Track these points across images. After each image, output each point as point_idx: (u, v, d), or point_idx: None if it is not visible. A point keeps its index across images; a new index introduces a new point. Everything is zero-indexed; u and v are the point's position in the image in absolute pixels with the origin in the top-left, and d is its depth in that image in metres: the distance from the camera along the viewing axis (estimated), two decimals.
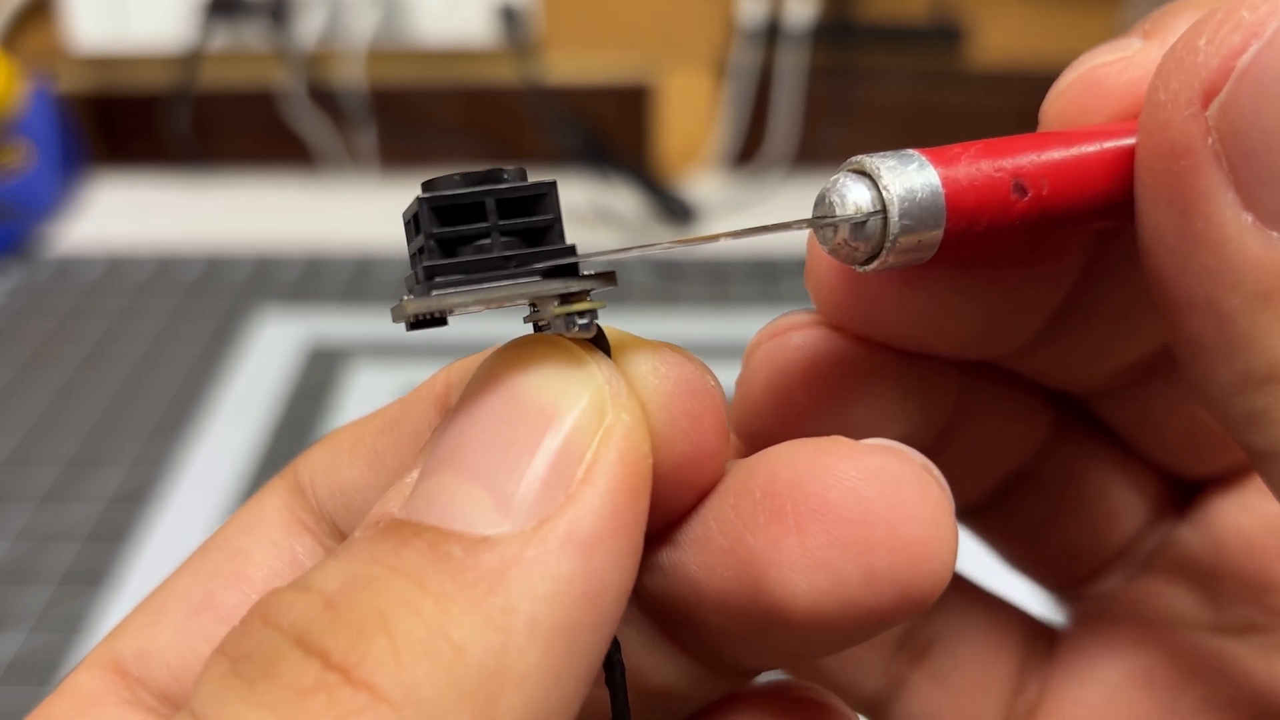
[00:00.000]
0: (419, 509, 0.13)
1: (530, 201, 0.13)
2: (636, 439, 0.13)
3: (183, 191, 0.75)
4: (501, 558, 0.12)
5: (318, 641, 0.11)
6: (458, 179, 0.13)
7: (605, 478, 0.12)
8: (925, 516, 0.13)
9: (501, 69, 0.74)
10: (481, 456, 0.13)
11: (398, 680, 0.11)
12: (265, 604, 0.12)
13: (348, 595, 0.12)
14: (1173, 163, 0.13)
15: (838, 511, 0.13)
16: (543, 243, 0.13)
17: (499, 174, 0.13)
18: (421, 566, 0.12)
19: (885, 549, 0.13)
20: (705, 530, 0.14)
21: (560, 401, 0.13)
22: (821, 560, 0.13)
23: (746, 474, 0.14)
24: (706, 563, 0.14)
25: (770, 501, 0.14)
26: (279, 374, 0.56)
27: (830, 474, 0.13)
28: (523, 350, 0.13)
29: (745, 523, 0.14)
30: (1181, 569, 0.19)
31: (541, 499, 0.12)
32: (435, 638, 0.11)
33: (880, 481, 0.13)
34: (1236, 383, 0.13)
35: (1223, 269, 0.13)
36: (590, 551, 0.12)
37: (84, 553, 0.45)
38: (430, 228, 0.13)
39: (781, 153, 0.76)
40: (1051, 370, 0.18)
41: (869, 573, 0.13)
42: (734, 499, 0.14)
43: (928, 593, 0.13)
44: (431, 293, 0.13)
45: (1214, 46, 0.13)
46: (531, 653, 0.11)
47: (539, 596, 0.12)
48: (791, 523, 0.13)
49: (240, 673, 0.12)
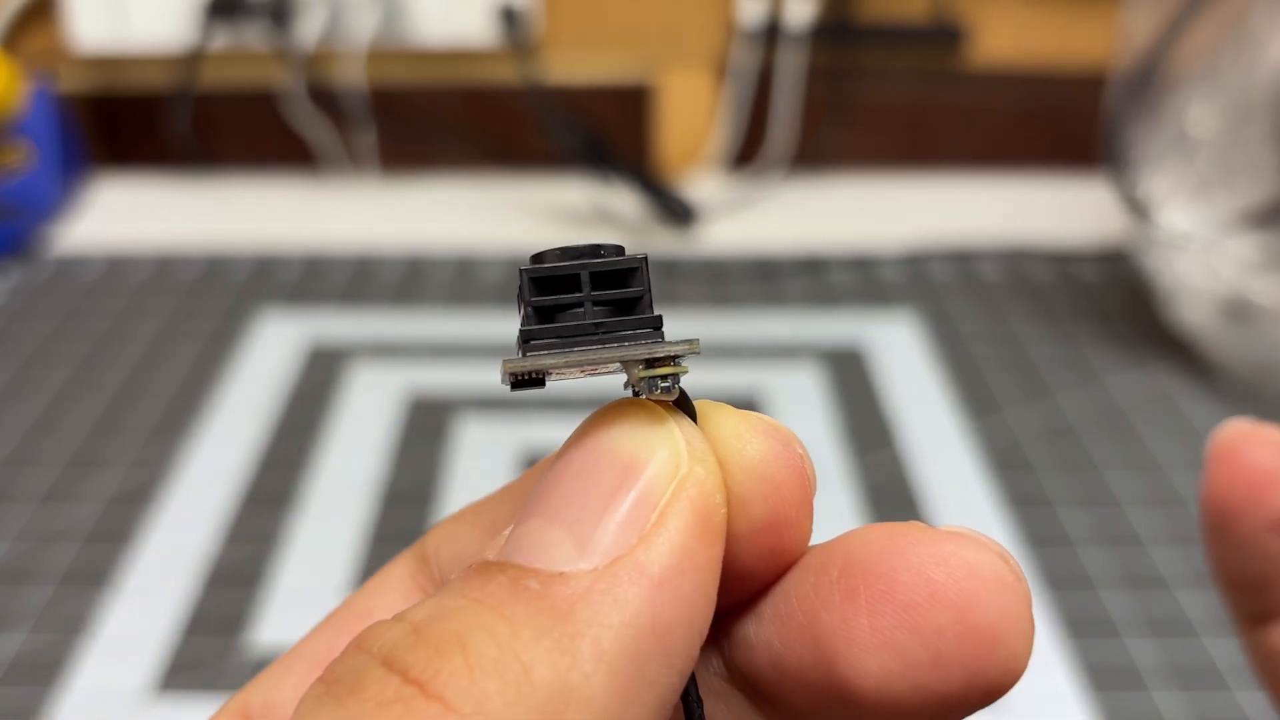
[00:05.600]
0: (508, 551, 0.14)
1: (622, 275, 0.15)
2: (709, 489, 0.14)
3: (183, 191, 0.75)
4: (574, 590, 0.13)
5: (401, 660, 0.12)
6: (559, 252, 0.15)
7: (676, 521, 0.13)
8: (996, 604, 0.13)
9: (501, 69, 0.74)
10: (566, 503, 0.14)
11: (469, 694, 0.12)
12: (362, 634, 0.13)
13: (432, 622, 0.13)
14: None
15: (907, 594, 0.14)
16: (632, 312, 0.15)
17: (597, 249, 0.15)
18: (501, 598, 0.13)
19: (954, 634, 0.13)
20: (786, 606, 0.15)
21: (640, 454, 0.14)
22: (890, 642, 0.13)
23: (826, 552, 0.15)
24: (787, 639, 0.15)
25: (845, 581, 0.14)
26: (279, 374, 0.56)
27: (902, 556, 0.14)
28: (610, 411, 0.15)
29: (821, 600, 0.14)
30: None
31: (616, 541, 0.13)
32: (506, 657, 0.12)
33: (951, 566, 0.13)
34: None
35: None
36: (659, 588, 0.13)
37: (84, 553, 0.46)
38: (529, 296, 0.15)
39: (781, 153, 0.76)
40: None
41: (938, 657, 0.13)
42: (813, 576, 0.15)
43: (998, 681, 0.13)
44: (527, 355, 0.14)
45: None
46: (596, 676, 0.12)
47: (606, 625, 0.12)
48: (864, 602, 0.14)
49: (331, 693, 0.13)
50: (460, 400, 0.54)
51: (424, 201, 0.74)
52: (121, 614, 0.43)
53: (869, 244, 0.67)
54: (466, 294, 0.63)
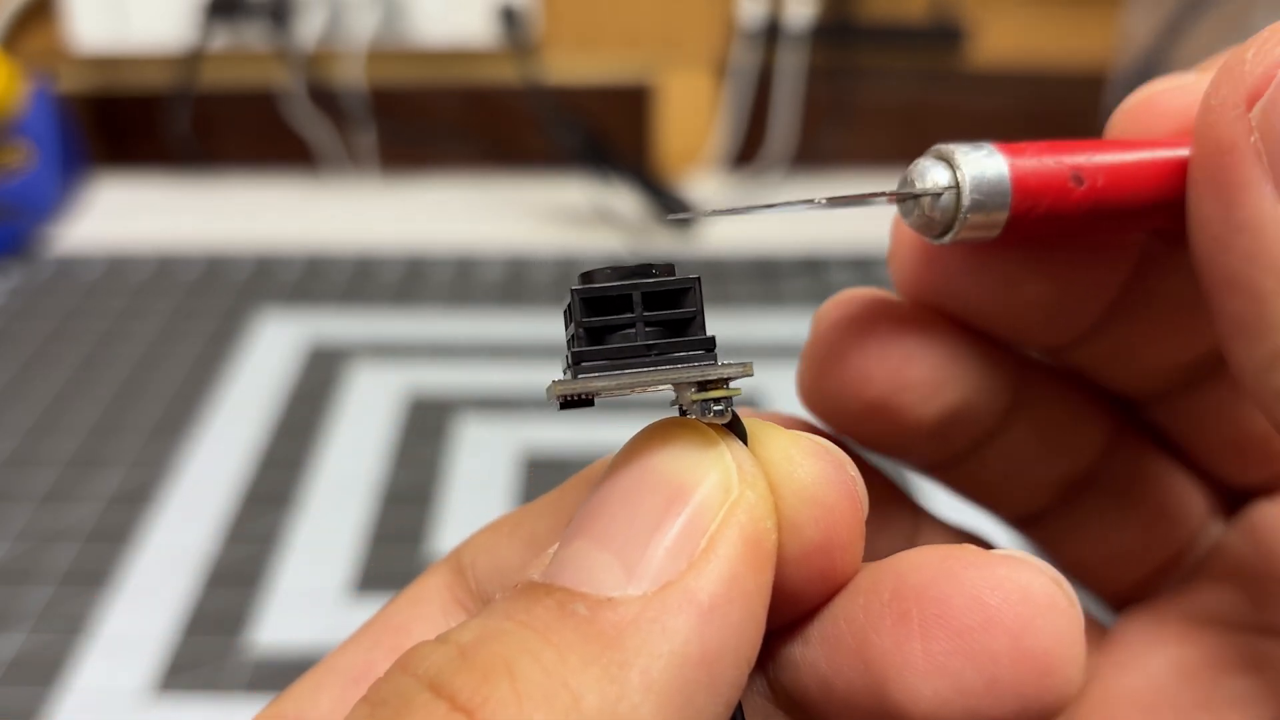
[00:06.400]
0: (553, 573, 0.14)
1: (675, 295, 0.15)
2: (759, 514, 0.14)
3: (183, 191, 0.75)
4: (623, 617, 0.13)
5: (448, 685, 0.12)
6: (610, 271, 0.15)
7: (726, 548, 0.13)
8: (1050, 629, 0.13)
9: (501, 69, 0.74)
10: (614, 526, 0.13)
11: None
12: (406, 656, 0.13)
13: (479, 645, 0.13)
14: (1219, 157, 0.15)
15: (961, 618, 0.13)
16: (685, 333, 0.15)
17: (648, 269, 0.15)
18: (548, 622, 0.13)
19: (1009, 659, 0.13)
20: (835, 629, 0.15)
21: (689, 478, 0.14)
22: (944, 666, 0.13)
23: (876, 575, 0.14)
24: (835, 662, 0.14)
25: (897, 604, 0.14)
26: (279, 374, 0.56)
27: (956, 580, 0.14)
28: (660, 431, 0.14)
29: (872, 624, 0.14)
30: (1229, 573, 0.20)
31: (665, 566, 0.13)
32: (555, 684, 0.12)
33: (1006, 590, 0.13)
34: (1270, 361, 0.14)
35: (1260, 252, 0.14)
36: (708, 616, 0.13)
37: (84, 553, 0.45)
38: (580, 317, 0.14)
39: (781, 153, 0.76)
40: (1107, 369, 0.19)
41: (992, 682, 0.13)
42: (863, 599, 0.14)
43: (1052, 705, 0.13)
44: (578, 376, 0.14)
45: (1259, 56, 0.15)
46: (645, 707, 0.12)
47: (655, 654, 0.12)
48: (916, 626, 0.14)
49: (377, 716, 0.12)
50: (460, 400, 0.54)
51: (424, 201, 0.74)
52: (121, 614, 0.43)
53: (869, 244, 0.67)
54: (466, 294, 0.63)
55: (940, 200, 0.16)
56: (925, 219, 0.16)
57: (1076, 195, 0.16)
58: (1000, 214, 0.16)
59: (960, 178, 0.16)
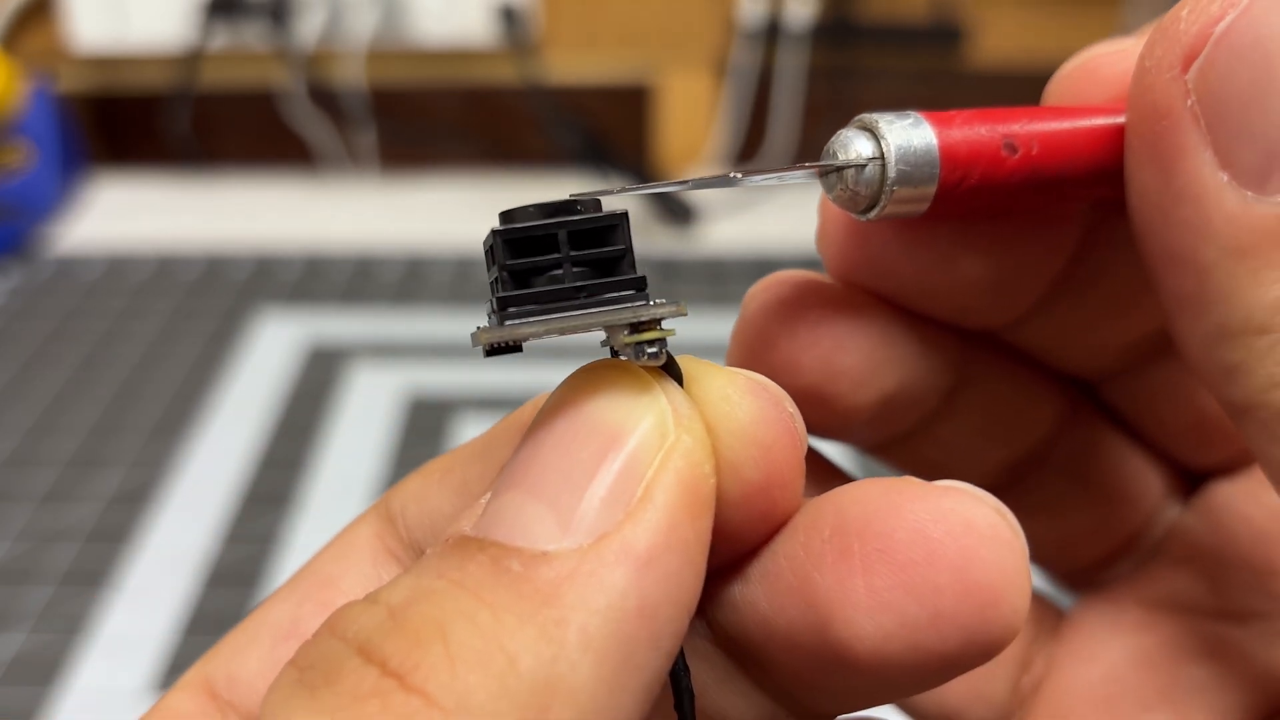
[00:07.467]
0: (486, 526, 0.13)
1: (602, 232, 0.14)
2: (697, 459, 0.13)
3: (183, 191, 0.75)
4: (558, 572, 0.12)
5: (378, 650, 0.12)
6: (533, 210, 0.14)
7: (663, 496, 0.13)
8: (995, 561, 0.13)
9: (501, 69, 0.74)
10: (547, 476, 0.13)
11: (451, 688, 0.11)
12: (334, 617, 0.13)
13: (410, 606, 0.12)
14: (1155, 123, 0.14)
15: (905, 552, 0.13)
16: (614, 273, 0.14)
17: (573, 205, 0.14)
18: (481, 580, 0.12)
19: (952, 592, 0.13)
20: (775, 566, 0.14)
21: (624, 424, 0.13)
22: (887, 601, 0.13)
23: (817, 511, 0.14)
24: (776, 600, 0.14)
25: (838, 540, 0.13)
26: (279, 374, 0.56)
27: (898, 514, 0.13)
28: (592, 375, 0.14)
29: (813, 560, 0.14)
30: (1187, 556, 0.20)
31: (601, 517, 0.12)
32: (490, 647, 0.11)
33: (949, 523, 0.13)
34: (1214, 336, 0.14)
35: (1201, 223, 0.14)
36: (646, 567, 0.12)
37: (84, 553, 0.45)
38: (504, 259, 0.13)
39: (781, 153, 0.76)
40: (1054, 348, 0.19)
41: (936, 616, 0.13)
42: (803, 536, 0.14)
43: (997, 638, 0.13)
44: (504, 323, 0.13)
45: (1194, 15, 0.14)
46: (584, 665, 0.12)
47: (592, 609, 0.12)
48: (858, 562, 0.13)
49: (305, 681, 0.12)
50: (460, 400, 0.54)
51: (423, 201, 0.74)
52: (121, 614, 0.43)
53: None
54: (466, 294, 0.63)
55: (864, 173, 0.15)
56: (850, 193, 0.15)
57: (1010, 165, 0.15)
58: (929, 186, 0.15)
59: (885, 148, 0.15)
